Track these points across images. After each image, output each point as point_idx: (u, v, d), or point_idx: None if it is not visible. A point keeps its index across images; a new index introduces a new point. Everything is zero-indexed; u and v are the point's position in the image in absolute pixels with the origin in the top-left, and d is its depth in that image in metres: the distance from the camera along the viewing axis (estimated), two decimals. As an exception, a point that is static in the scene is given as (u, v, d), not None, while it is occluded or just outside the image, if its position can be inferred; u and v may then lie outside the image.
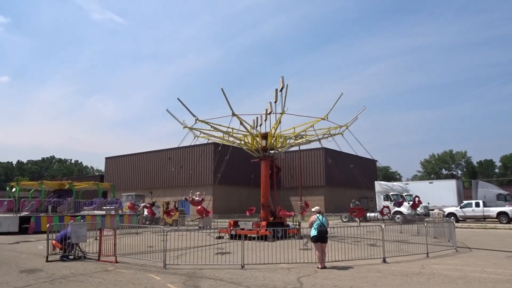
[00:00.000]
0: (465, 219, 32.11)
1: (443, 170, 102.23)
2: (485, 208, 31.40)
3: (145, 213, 30.80)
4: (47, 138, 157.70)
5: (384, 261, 10.90)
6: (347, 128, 20.16)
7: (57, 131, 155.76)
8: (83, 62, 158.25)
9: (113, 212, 27.25)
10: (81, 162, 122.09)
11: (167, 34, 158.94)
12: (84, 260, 11.68)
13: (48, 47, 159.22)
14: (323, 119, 19.26)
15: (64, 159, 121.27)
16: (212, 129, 19.99)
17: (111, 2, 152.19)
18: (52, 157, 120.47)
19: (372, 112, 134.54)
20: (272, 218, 19.36)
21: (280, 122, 19.56)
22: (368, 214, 33.13)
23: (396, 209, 31.04)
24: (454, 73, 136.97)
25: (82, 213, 25.67)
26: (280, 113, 18.97)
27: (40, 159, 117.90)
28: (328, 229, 10.61)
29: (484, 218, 31.49)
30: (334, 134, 20.44)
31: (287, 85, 17.92)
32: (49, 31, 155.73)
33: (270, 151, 20.27)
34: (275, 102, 19.03)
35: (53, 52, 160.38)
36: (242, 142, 20.98)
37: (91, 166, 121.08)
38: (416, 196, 26.27)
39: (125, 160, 56.77)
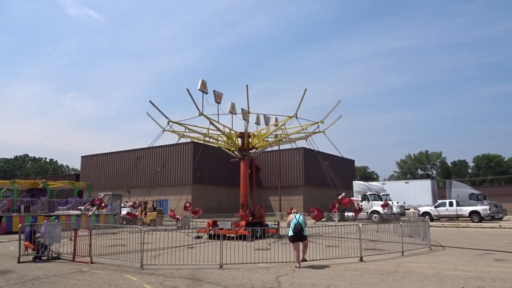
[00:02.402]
0: (439, 218, 32.96)
1: (419, 170, 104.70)
2: (458, 208, 32.31)
3: (122, 212, 30.32)
4: (21, 136, 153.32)
5: (361, 259, 11.05)
6: (322, 123, 20.10)
7: (31, 128, 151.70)
8: (58, 58, 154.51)
9: (89, 212, 26.68)
10: (56, 161, 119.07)
11: (146, 32, 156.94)
12: (58, 261, 11.39)
13: (21, 42, 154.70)
14: (293, 117, 19.29)
15: (38, 157, 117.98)
16: (187, 130, 19.91)
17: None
18: (26, 156, 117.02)
19: (350, 113, 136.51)
20: (251, 218, 19.37)
21: (248, 121, 19.62)
22: (346, 214, 33.60)
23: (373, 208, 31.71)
24: (430, 75, 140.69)
25: (56, 213, 25.04)
26: (248, 112, 19.12)
27: (12, 157, 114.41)
28: (306, 229, 10.69)
29: (457, 217, 32.40)
30: (314, 133, 20.50)
31: (246, 85, 18.13)
32: (22, 26, 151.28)
33: (250, 151, 20.28)
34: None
35: (26, 48, 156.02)
36: (221, 142, 20.94)
37: (66, 165, 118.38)
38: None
39: (102, 158, 55.68)
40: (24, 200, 25.66)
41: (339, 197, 22.02)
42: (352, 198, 23.39)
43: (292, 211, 10.97)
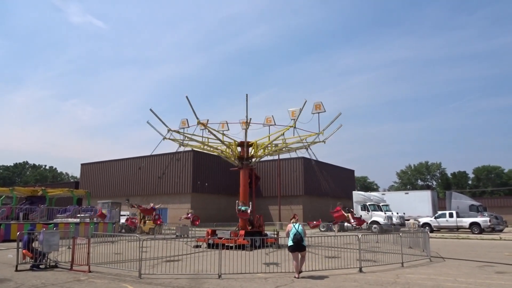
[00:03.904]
0: (439, 229, 32.82)
1: (419, 181, 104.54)
2: (458, 219, 32.20)
3: (122, 221, 30.28)
4: (20, 142, 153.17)
5: (361, 270, 11.00)
6: (322, 134, 20.16)
7: (31, 135, 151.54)
8: (60, 65, 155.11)
9: (87, 220, 26.61)
10: (56, 168, 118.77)
11: (149, 40, 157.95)
12: (56, 270, 11.33)
13: (24, 49, 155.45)
14: (292, 126, 19.40)
15: (38, 164, 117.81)
16: (187, 138, 20.02)
17: (92, 6, 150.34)
18: (25, 163, 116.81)
19: (351, 123, 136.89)
20: (250, 227, 19.32)
21: (247, 130, 19.84)
22: (345, 224, 33.45)
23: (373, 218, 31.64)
24: (431, 87, 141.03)
25: (55, 220, 24.94)
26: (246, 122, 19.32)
27: (12, 164, 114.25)
28: (306, 239, 10.65)
29: (457, 228, 32.27)
30: (314, 143, 20.54)
31: (246, 95, 18.34)
32: (25, 33, 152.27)
33: (251, 160, 20.30)
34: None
35: (29, 55, 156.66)
36: (219, 150, 21.02)
37: (66, 173, 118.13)
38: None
39: (101, 166, 55.60)
40: (23, 208, 25.58)
41: (335, 209, 21.79)
42: (347, 213, 23.03)
43: (292, 221, 10.93)
